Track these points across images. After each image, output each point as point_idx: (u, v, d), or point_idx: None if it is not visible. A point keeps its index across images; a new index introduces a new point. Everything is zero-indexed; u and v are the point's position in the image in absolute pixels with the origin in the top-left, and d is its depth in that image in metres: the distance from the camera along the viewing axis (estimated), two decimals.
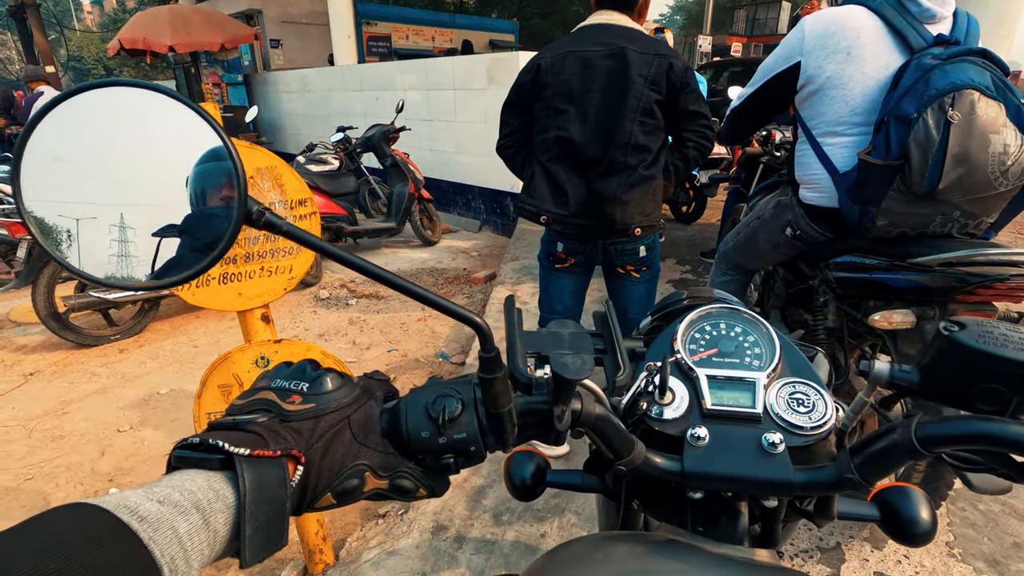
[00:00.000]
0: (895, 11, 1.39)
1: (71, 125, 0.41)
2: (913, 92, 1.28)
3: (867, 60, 1.41)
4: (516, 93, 1.76)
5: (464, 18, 15.42)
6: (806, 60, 1.49)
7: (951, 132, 1.22)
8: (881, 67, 1.40)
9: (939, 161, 1.24)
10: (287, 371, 0.46)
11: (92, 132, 0.42)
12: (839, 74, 1.44)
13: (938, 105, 1.23)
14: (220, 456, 0.36)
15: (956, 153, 1.23)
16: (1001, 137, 1.24)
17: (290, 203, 1.48)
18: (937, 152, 1.24)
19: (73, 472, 2.22)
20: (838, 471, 0.45)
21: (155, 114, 0.42)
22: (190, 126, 0.42)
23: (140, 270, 0.43)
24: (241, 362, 1.51)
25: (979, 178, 1.26)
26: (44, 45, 9.21)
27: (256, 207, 0.41)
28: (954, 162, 1.24)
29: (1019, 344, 0.42)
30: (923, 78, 1.27)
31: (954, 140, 1.22)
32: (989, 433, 0.40)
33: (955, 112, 1.22)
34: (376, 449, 0.44)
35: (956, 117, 1.22)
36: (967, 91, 1.22)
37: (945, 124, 1.22)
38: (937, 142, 1.23)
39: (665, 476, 0.48)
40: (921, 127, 1.24)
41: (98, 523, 0.29)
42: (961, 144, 1.23)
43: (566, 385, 0.42)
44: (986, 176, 1.26)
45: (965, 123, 1.22)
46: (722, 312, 0.59)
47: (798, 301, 1.93)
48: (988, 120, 1.23)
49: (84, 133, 0.41)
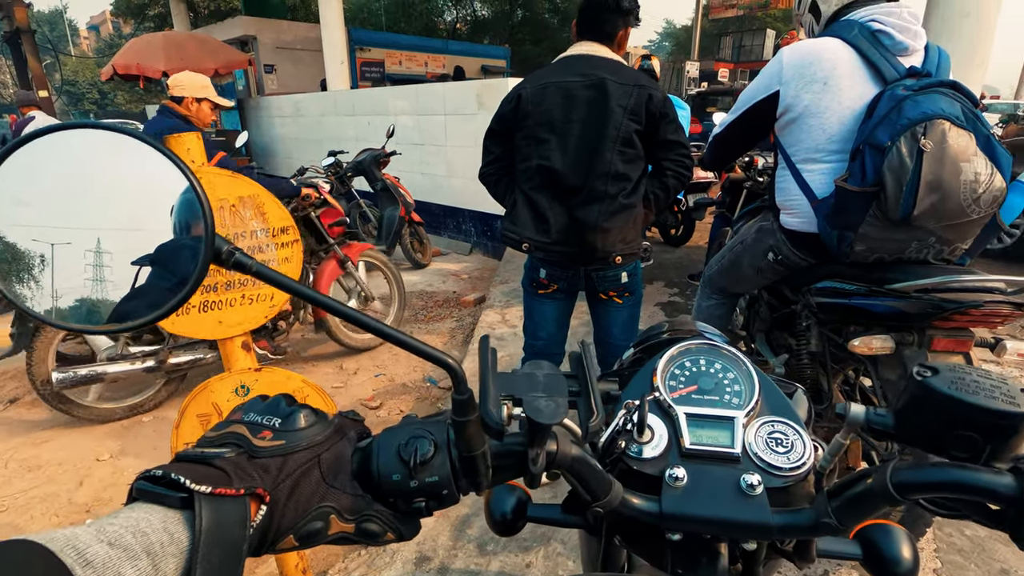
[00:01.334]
0: (869, 44, 1.44)
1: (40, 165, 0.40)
2: (887, 121, 1.31)
3: (843, 90, 1.45)
4: (498, 122, 1.78)
5: (457, 44, 15.69)
6: (784, 89, 1.53)
7: (924, 160, 1.25)
8: (856, 97, 1.44)
9: (913, 188, 1.27)
10: (261, 405, 0.46)
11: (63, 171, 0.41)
12: (816, 103, 1.48)
13: (911, 134, 1.27)
14: (181, 494, 0.36)
15: (929, 180, 1.26)
16: (972, 165, 1.27)
17: (272, 231, 1.48)
18: (911, 179, 1.27)
19: (49, 503, 2.17)
20: (816, 515, 0.45)
21: (132, 152, 0.42)
22: (165, 165, 0.42)
23: (106, 311, 0.42)
24: (220, 391, 1.49)
25: (952, 205, 1.29)
26: (38, 70, 9.26)
27: (226, 247, 0.41)
28: (928, 189, 1.26)
29: (990, 391, 0.42)
30: (896, 108, 1.31)
31: (927, 168, 1.25)
32: (962, 481, 0.40)
33: (927, 141, 1.25)
34: (344, 491, 0.43)
35: (928, 145, 1.25)
36: (938, 121, 1.26)
37: (918, 152, 1.25)
38: (911, 170, 1.26)
39: (643, 517, 0.47)
40: (895, 155, 1.27)
41: (36, 565, 0.29)
42: (934, 172, 1.26)
43: (540, 429, 0.41)
44: (959, 203, 1.28)
45: (937, 151, 1.25)
46: (702, 348, 0.59)
47: (782, 325, 1.94)
48: (959, 149, 1.26)
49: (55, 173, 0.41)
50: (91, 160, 0.42)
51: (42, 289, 0.41)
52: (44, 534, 0.30)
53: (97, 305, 0.42)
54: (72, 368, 2.53)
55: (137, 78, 7.90)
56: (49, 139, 0.40)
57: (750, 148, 1.86)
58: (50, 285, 0.41)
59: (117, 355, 2.61)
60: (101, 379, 2.58)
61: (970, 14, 3.23)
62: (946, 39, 3.32)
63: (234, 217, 1.42)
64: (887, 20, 1.44)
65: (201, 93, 2.81)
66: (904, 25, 1.43)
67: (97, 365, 2.58)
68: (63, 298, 0.42)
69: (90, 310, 0.42)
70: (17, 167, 0.39)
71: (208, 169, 1.37)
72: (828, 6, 1.59)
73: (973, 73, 3.32)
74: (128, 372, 2.62)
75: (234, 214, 1.42)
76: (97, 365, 2.58)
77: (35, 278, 0.41)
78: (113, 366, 2.58)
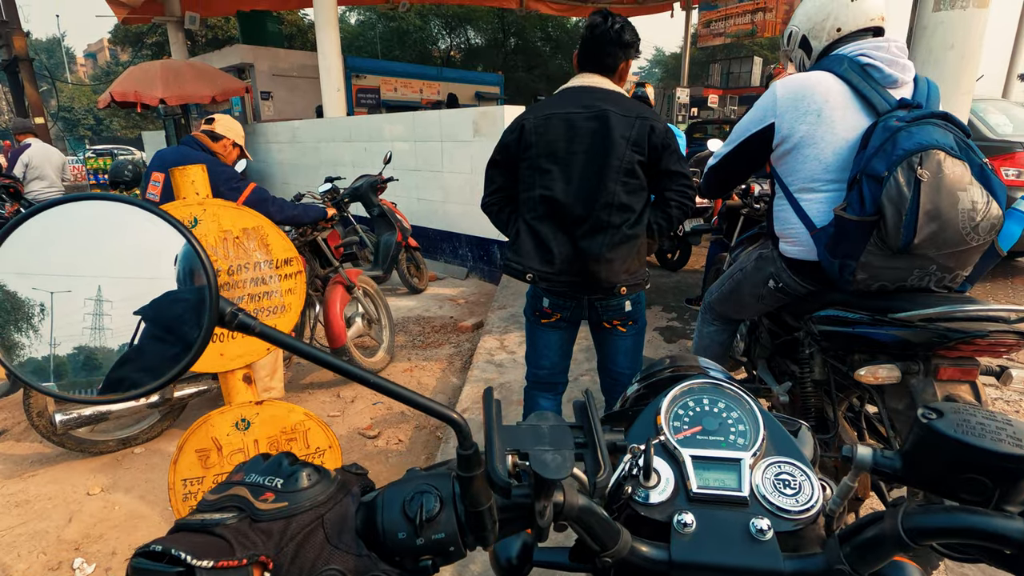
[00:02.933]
0: (859, 77, 1.48)
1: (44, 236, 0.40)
2: (882, 152, 1.34)
3: (836, 121, 1.48)
4: (500, 152, 1.80)
5: (451, 71, 15.96)
6: (779, 121, 1.57)
7: (921, 189, 1.27)
8: (850, 128, 1.47)
9: (913, 217, 1.29)
10: (263, 465, 0.45)
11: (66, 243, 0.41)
12: (811, 134, 1.51)
13: (907, 164, 1.29)
14: (181, 569, 0.35)
15: (928, 210, 1.28)
16: (968, 194, 1.29)
17: (276, 263, 1.48)
18: (910, 209, 1.29)
19: (37, 540, 2.10)
20: (827, 561, 0.44)
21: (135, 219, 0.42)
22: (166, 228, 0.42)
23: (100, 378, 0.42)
24: (220, 425, 1.46)
25: (951, 233, 1.31)
26: (35, 98, 9.31)
27: (229, 308, 0.41)
28: (927, 218, 1.28)
29: (996, 434, 0.42)
30: (891, 139, 1.33)
31: (925, 197, 1.27)
32: (973, 526, 0.39)
33: (924, 171, 1.27)
34: (349, 552, 0.42)
35: (925, 175, 1.27)
36: (933, 151, 1.28)
37: (915, 182, 1.28)
38: (909, 199, 1.28)
39: (653, 566, 0.46)
40: (893, 185, 1.30)
41: None
42: (932, 201, 1.28)
43: (547, 484, 0.41)
44: (958, 231, 1.30)
45: (934, 181, 1.27)
46: (704, 387, 0.59)
47: (784, 352, 1.94)
48: (955, 178, 1.28)
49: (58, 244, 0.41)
50: (96, 229, 0.42)
51: (41, 360, 0.41)
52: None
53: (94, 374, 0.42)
54: (75, 409, 2.45)
55: (134, 105, 7.96)
56: (51, 212, 0.40)
57: (747, 177, 1.89)
58: (51, 356, 0.41)
59: None
60: (105, 418, 2.53)
61: (954, 46, 3.32)
62: (931, 69, 3.40)
63: (238, 249, 1.42)
64: (875, 54, 1.48)
65: (239, 140, 3.13)
66: (892, 59, 1.47)
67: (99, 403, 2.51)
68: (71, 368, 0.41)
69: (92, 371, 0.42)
70: (23, 241, 0.39)
71: (213, 201, 1.37)
72: (819, 42, 1.64)
73: (960, 100, 3.40)
74: (133, 408, 2.56)
75: (238, 246, 1.42)
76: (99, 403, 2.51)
77: (35, 347, 0.41)
78: (118, 405, 2.50)
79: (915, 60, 3.47)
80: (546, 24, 23.72)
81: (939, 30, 3.34)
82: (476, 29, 24.58)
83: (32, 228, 0.39)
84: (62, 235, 0.41)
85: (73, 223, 0.41)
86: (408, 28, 23.12)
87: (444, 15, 23.22)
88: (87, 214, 0.41)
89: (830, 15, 1.59)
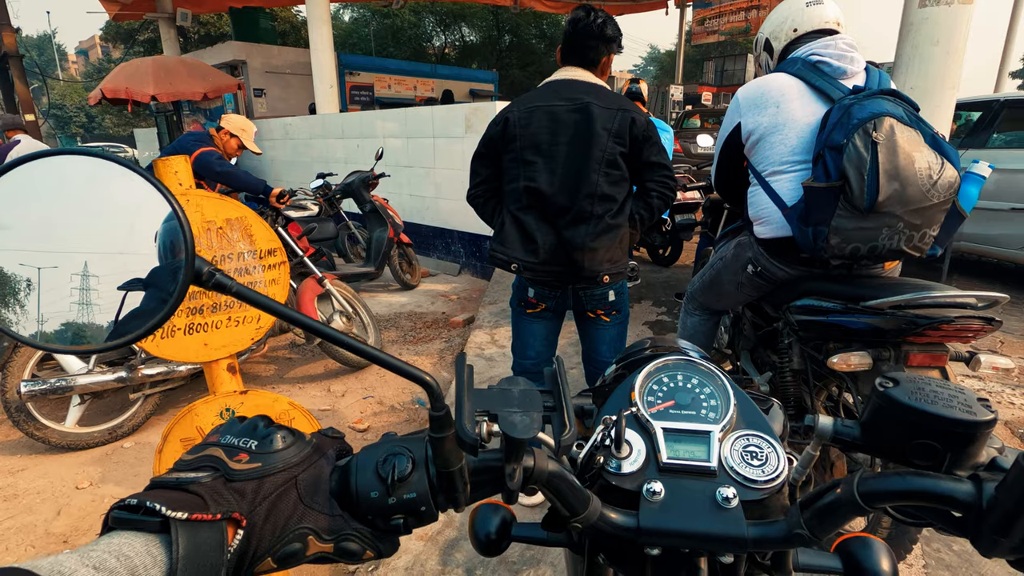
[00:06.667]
0: (813, 73, 1.60)
1: (25, 190, 0.41)
2: (839, 125, 1.45)
3: (796, 109, 1.60)
4: (485, 145, 1.81)
5: (445, 68, 15.93)
6: (743, 119, 1.71)
7: (879, 151, 1.37)
8: (810, 113, 1.58)
9: (874, 177, 1.38)
10: (238, 427, 0.46)
11: (48, 197, 0.42)
12: (773, 123, 1.63)
13: (863, 130, 1.39)
14: (158, 519, 0.36)
15: (887, 169, 1.37)
16: (923, 155, 1.39)
17: (259, 253, 1.48)
18: (871, 169, 1.38)
19: (25, 534, 2.11)
20: (788, 526, 0.45)
21: (115, 178, 0.43)
22: (146, 189, 0.43)
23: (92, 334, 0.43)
24: (205, 414, 1.47)
25: (913, 191, 1.39)
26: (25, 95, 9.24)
27: (207, 268, 0.42)
28: (887, 177, 1.37)
29: (948, 401, 0.43)
30: (846, 112, 1.44)
31: (883, 157, 1.37)
32: (924, 489, 0.41)
33: (878, 134, 1.37)
34: (322, 511, 0.43)
35: (880, 137, 1.37)
36: (885, 118, 1.39)
37: (872, 144, 1.37)
38: (868, 161, 1.38)
39: (621, 532, 0.47)
40: (852, 150, 1.39)
41: None
42: (890, 160, 1.37)
43: (515, 444, 0.42)
44: (919, 189, 1.39)
45: (889, 143, 1.37)
46: (679, 364, 0.60)
47: (766, 343, 1.97)
48: (908, 141, 1.39)
49: (40, 198, 0.42)
50: (77, 186, 0.43)
51: (27, 313, 0.41)
52: (28, 563, 0.30)
53: (83, 329, 0.43)
54: (40, 379, 2.51)
55: (126, 102, 7.92)
56: (35, 165, 0.41)
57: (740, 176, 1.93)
58: (36, 309, 0.41)
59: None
60: (71, 390, 2.55)
61: (939, 42, 3.35)
62: (917, 65, 3.44)
63: (221, 239, 1.43)
64: (824, 52, 1.61)
65: (236, 132, 3.58)
66: (840, 53, 1.60)
67: (66, 376, 2.55)
68: (48, 322, 0.42)
69: (76, 334, 0.43)
70: (3, 193, 0.40)
71: (196, 192, 1.38)
72: (779, 43, 1.79)
73: (945, 95, 3.44)
74: (99, 384, 2.59)
75: (221, 236, 1.43)
76: (66, 376, 2.55)
77: (20, 302, 0.41)
78: (84, 378, 2.56)
79: (901, 57, 3.50)
80: (541, 21, 23.69)
81: (924, 26, 3.37)
82: (471, 26, 24.51)
83: (12, 182, 0.40)
84: (42, 191, 0.41)
85: (54, 179, 0.41)
86: (402, 25, 23.03)
87: (438, 12, 23.15)
88: (68, 171, 0.42)
89: (787, 19, 1.76)
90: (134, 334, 0.42)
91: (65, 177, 0.42)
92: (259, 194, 3.44)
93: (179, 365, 2.76)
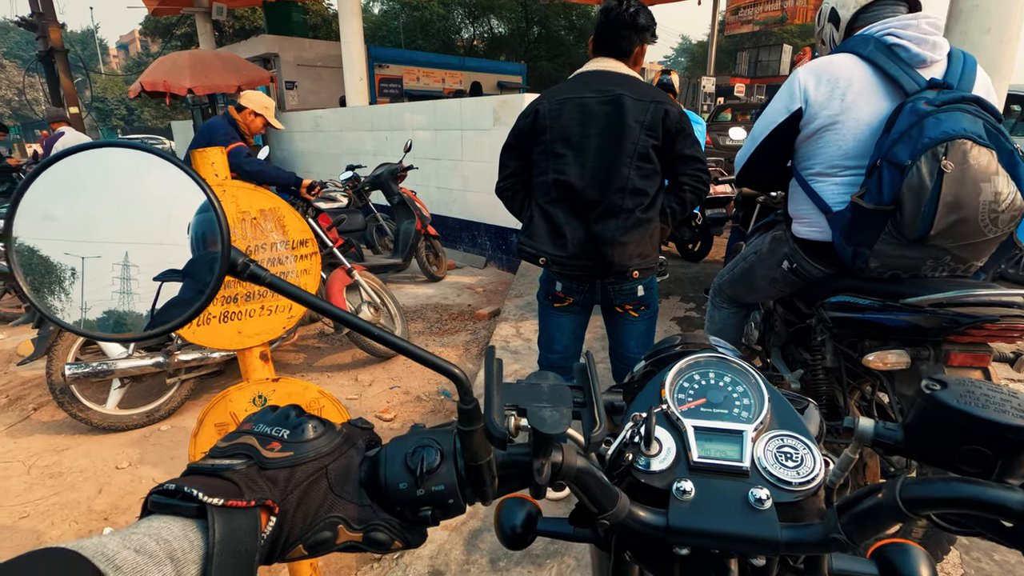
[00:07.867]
0: (886, 57, 1.41)
1: (69, 181, 0.42)
2: (907, 138, 1.29)
3: (860, 107, 1.44)
4: (515, 137, 1.80)
5: (474, 61, 15.92)
6: (806, 107, 1.51)
7: (944, 181, 1.24)
8: (873, 113, 1.43)
9: (932, 208, 1.26)
10: (271, 416, 0.47)
11: (91, 188, 0.43)
12: (834, 120, 1.47)
13: (932, 154, 1.25)
14: (195, 504, 0.37)
15: (949, 201, 1.25)
16: (992, 185, 1.25)
17: (292, 243, 1.51)
18: (930, 200, 1.26)
19: (69, 510, 2.21)
20: (825, 530, 0.44)
21: (153, 170, 0.43)
22: (183, 180, 0.43)
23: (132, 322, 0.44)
24: (238, 400, 1.51)
25: (970, 226, 1.28)
26: (69, 88, 9.59)
27: (241, 259, 0.42)
28: (946, 210, 1.25)
29: (1000, 405, 0.41)
30: (917, 124, 1.28)
31: (947, 188, 1.24)
32: (973, 497, 0.39)
33: (948, 161, 1.23)
34: (352, 501, 0.44)
35: (950, 166, 1.23)
36: (960, 140, 1.24)
37: (939, 173, 1.24)
38: (930, 190, 1.25)
39: (649, 531, 0.47)
40: (915, 175, 1.26)
41: (76, 570, 0.30)
42: (954, 193, 1.24)
43: (544, 439, 0.41)
44: (976, 224, 1.27)
45: (958, 172, 1.24)
46: (711, 361, 0.59)
47: (798, 340, 1.92)
48: (980, 168, 1.24)
49: (83, 189, 0.43)
50: (118, 177, 0.44)
51: (71, 301, 0.43)
52: (73, 543, 0.31)
53: (124, 317, 0.44)
54: (83, 363, 2.66)
55: (164, 95, 8.14)
56: (79, 157, 0.42)
57: (780, 168, 1.76)
58: (79, 297, 0.43)
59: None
60: (111, 373, 2.69)
61: (991, 29, 3.19)
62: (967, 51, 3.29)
63: (255, 229, 1.46)
64: (903, 33, 1.41)
65: (260, 110, 3.63)
66: (921, 37, 1.40)
67: (107, 360, 2.71)
68: (91, 310, 0.43)
69: (117, 321, 0.44)
70: (48, 184, 0.41)
71: (232, 183, 1.41)
72: (847, 10, 1.57)
73: (998, 85, 3.27)
74: (138, 368, 2.74)
75: (255, 226, 1.45)
76: (107, 360, 2.71)
77: (65, 290, 0.42)
78: (124, 363, 2.71)
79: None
80: (570, 12, 23.44)
81: (975, 14, 3.22)
82: (499, 18, 24.42)
83: (57, 174, 0.41)
84: (87, 183, 0.42)
85: (97, 171, 0.43)
86: (431, 17, 23.08)
87: (467, 4, 23.13)
88: (110, 163, 0.43)
89: None
90: (172, 323, 0.43)
91: (107, 169, 0.43)
92: (290, 186, 3.50)
93: (213, 352, 2.86)
